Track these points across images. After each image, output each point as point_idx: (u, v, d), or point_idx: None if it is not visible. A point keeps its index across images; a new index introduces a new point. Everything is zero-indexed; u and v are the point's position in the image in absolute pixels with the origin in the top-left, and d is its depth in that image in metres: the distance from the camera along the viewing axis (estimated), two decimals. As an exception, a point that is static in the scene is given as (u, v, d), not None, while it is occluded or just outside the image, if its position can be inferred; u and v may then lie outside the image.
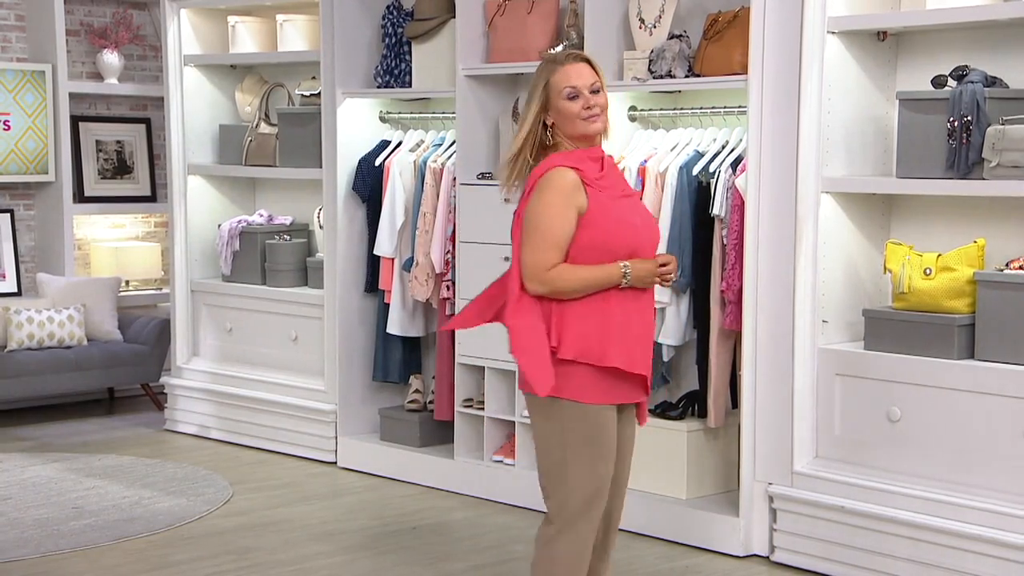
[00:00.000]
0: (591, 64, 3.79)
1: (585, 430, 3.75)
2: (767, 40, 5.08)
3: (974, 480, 4.68)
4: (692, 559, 5.24)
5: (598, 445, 3.77)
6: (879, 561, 4.86)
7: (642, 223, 3.82)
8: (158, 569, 5.13)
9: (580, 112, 3.74)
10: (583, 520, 3.79)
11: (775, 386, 5.13)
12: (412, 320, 6.55)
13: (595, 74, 3.78)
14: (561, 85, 3.74)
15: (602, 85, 3.79)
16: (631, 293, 3.75)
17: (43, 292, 7.96)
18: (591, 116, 3.74)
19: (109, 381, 7.97)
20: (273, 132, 7.23)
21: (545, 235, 3.66)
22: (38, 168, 8.15)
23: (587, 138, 3.78)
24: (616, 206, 3.76)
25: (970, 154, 4.67)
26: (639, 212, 3.87)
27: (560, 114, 3.75)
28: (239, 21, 7.45)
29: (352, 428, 6.78)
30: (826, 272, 5.07)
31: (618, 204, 3.77)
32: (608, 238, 3.70)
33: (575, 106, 3.74)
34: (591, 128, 3.76)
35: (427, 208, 6.30)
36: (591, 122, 3.75)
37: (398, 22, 6.58)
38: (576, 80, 3.74)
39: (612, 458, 3.82)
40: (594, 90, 3.76)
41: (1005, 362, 4.64)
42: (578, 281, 3.68)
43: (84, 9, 8.49)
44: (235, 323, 7.42)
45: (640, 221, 3.82)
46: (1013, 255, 4.84)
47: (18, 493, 6.16)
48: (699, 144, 5.55)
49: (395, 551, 5.36)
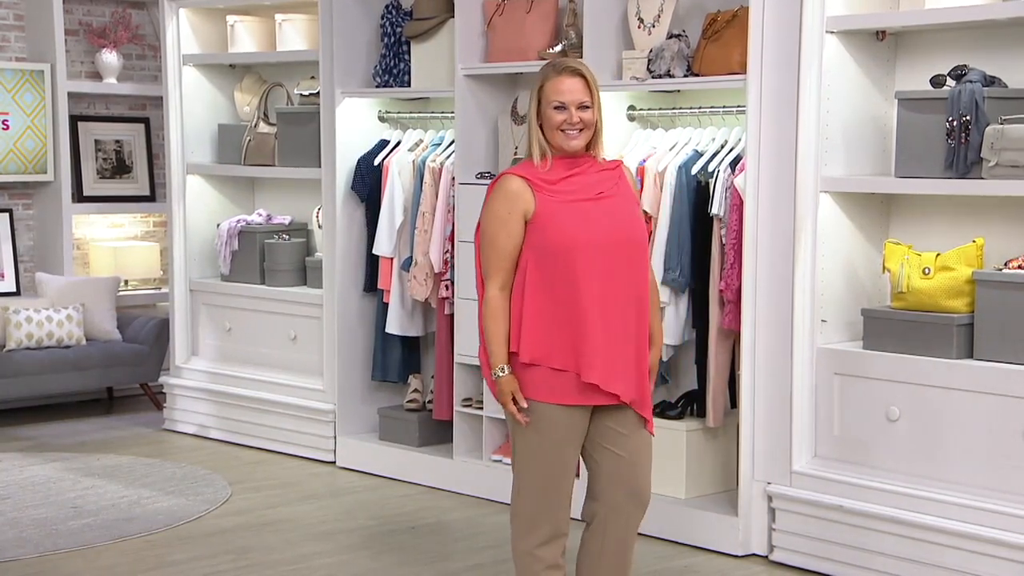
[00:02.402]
0: (586, 80, 3.83)
1: (536, 428, 3.85)
2: (766, 40, 5.08)
3: (973, 480, 4.68)
4: (691, 558, 5.24)
5: (551, 447, 3.84)
6: (878, 560, 4.86)
7: (610, 222, 3.82)
8: (156, 569, 5.13)
9: (561, 125, 3.82)
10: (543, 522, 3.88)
11: (774, 386, 5.13)
12: (411, 320, 6.55)
13: (587, 91, 3.83)
14: (551, 95, 3.83)
15: (593, 103, 3.83)
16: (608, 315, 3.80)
17: (42, 292, 7.96)
18: (570, 132, 3.82)
19: (108, 381, 7.97)
20: (272, 132, 7.23)
21: (493, 250, 3.87)
22: (37, 168, 8.15)
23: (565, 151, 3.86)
24: (569, 209, 3.79)
25: (969, 154, 4.67)
26: (613, 212, 3.84)
27: (546, 121, 3.86)
28: (238, 21, 7.45)
29: (351, 428, 6.78)
30: (825, 272, 5.07)
31: (574, 207, 3.80)
32: (544, 241, 3.80)
33: (559, 118, 3.82)
34: (568, 144, 3.84)
35: (426, 208, 6.30)
36: (569, 138, 3.84)
37: (397, 22, 6.58)
38: (566, 95, 3.81)
39: (568, 467, 3.85)
40: (583, 107, 3.81)
41: (1004, 362, 4.64)
42: (486, 332, 3.86)
43: (83, 9, 8.48)
44: (234, 323, 7.41)
45: (608, 221, 3.82)
46: (1012, 254, 4.84)
47: (17, 493, 6.16)
48: (698, 144, 5.55)
49: (394, 551, 5.36)
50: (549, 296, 3.80)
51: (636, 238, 3.88)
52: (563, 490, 3.88)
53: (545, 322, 3.81)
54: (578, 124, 3.81)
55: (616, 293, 3.82)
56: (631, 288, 3.85)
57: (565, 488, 3.89)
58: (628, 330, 3.85)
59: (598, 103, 3.85)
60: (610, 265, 3.81)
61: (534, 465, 3.88)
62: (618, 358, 3.83)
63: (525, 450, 3.90)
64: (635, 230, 3.88)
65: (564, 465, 3.87)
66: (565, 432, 3.85)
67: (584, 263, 3.78)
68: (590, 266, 3.78)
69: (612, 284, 3.81)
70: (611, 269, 3.81)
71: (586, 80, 3.83)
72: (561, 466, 3.87)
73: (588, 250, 3.78)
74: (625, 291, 3.83)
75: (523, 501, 3.92)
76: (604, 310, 3.80)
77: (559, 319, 3.80)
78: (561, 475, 3.87)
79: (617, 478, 3.93)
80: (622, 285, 3.83)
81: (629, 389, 3.86)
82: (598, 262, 3.79)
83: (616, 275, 3.82)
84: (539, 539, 3.89)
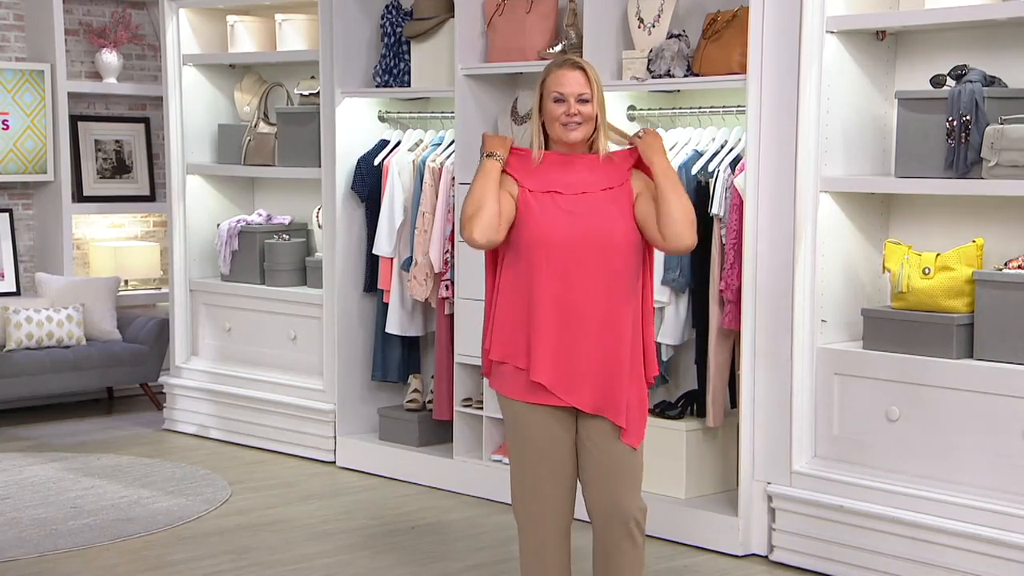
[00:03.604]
0: (587, 73, 3.83)
1: (510, 425, 3.89)
2: (766, 40, 5.08)
3: (973, 479, 4.68)
4: (691, 558, 5.24)
5: (525, 444, 3.85)
6: (878, 560, 4.86)
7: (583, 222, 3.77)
8: (156, 569, 5.13)
9: (560, 117, 3.82)
10: (527, 524, 3.90)
11: (774, 386, 5.13)
12: (411, 319, 6.55)
13: (587, 84, 3.82)
14: (551, 88, 3.84)
15: (593, 96, 3.82)
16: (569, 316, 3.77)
17: (42, 292, 7.96)
18: (569, 123, 3.82)
19: (108, 381, 7.97)
20: (272, 132, 7.23)
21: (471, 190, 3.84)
22: (37, 168, 8.15)
23: (565, 143, 3.86)
24: (540, 202, 3.78)
25: (969, 153, 4.67)
26: (592, 211, 3.79)
27: (546, 115, 3.86)
28: (238, 20, 7.44)
29: (351, 428, 6.78)
30: (825, 271, 5.07)
31: (546, 200, 3.78)
32: (514, 236, 3.81)
33: (558, 109, 3.83)
34: (568, 135, 3.84)
35: (426, 208, 6.30)
36: (568, 129, 3.84)
37: (397, 21, 6.58)
38: (566, 87, 3.82)
39: (548, 464, 3.84)
40: (582, 99, 3.81)
41: (1004, 362, 4.64)
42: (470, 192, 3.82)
43: (83, 8, 8.48)
44: (234, 323, 7.42)
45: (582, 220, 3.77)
46: (1012, 254, 4.84)
47: (16, 492, 6.16)
48: (698, 144, 5.55)
49: (394, 551, 5.36)
50: (515, 294, 3.82)
51: (614, 240, 3.79)
52: (548, 489, 3.85)
53: (510, 320, 3.83)
54: (576, 116, 3.81)
55: (580, 294, 3.76)
56: (601, 290, 3.77)
57: (550, 487, 3.86)
58: (591, 334, 3.77)
59: (599, 99, 3.84)
60: (574, 265, 3.75)
61: (516, 464, 3.91)
62: (578, 362, 3.77)
63: (511, 450, 3.93)
64: (614, 232, 3.79)
65: (547, 464, 3.84)
66: (539, 430, 3.83)
67: (544, 261, 3.76)
68: (551, 264, 3.76)
69: (577, 285, 3.75)
70: (576, 269, 3.75)
71: (587, 74, 3.83)
72: (545, 465, 3.84)
73: (551, 248, 3.76)
74: (592, 292, 3.76)
75: (514, 501, 3.95)
76: (564, 311, 3.76)
77: (521, 317, 3.81)
78: (546, 474, 3.85)
79: (590, 489, 3.89)
80: (590, 286, 3.76)
81: (588, 396, 3.79)
82: (561, 261, 3.75)
83: (582, 276, 3.76)
84: (534, 537, 3.89)
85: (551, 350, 3.77)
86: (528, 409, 3.83)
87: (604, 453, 3.84)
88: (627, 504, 3.85)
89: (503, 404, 3.91)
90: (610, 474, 3.84)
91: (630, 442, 3.83)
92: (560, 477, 3.87)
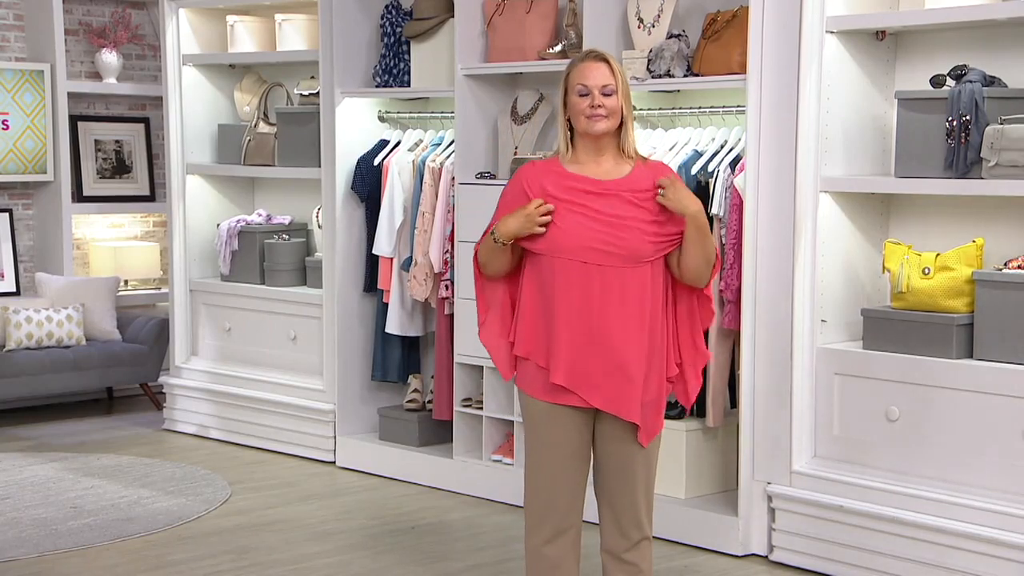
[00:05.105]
0: (611, 66, 3.81)
1: (529, 423, 3.87)
2: (766, 40, 5.08)
3: (973, 480, 4.68)
4: (691, 558, 5.24)
5: (542, 443, 3.84)
6: (878, 561, 4.86)
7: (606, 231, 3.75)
8: (156, 569, 5.13)
9: (585, 110, 3.78)
10: (536, 524, 3.86)
11: (774, 386, 5.13)
12: (411, 319, 6.55)
13: (612, 76, 3.79)
14: (575, 81, 3.81)
15: (617, 88, 3.78)
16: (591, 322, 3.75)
17: (42, 292, 7.96)
18: (594, 115, 3.78)
19: (108, 381, 7.96)
20: (272, 132, 7.23)
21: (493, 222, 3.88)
22: (37, 168, 8.15)
23: (591, 136, 3.81)
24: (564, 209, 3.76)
25: (969, 153, 4.67)
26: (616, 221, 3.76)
27: (571, 109, 3.82)
28: (238, 20, 7.44)
29: (351, 428, 6.78)
30: (825, 271, 5.07)
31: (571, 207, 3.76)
32: (530, 243, 3.81)
33: (583, 103, 3.79)
34: (593, 127, 3.78)
35: (426, 208, 6.30)
36: (593, 121, 3.78)
37: (397, 21, 6.58)
38: (590, 79, 3.78)
39: (562, 464, 3.82)
40: (606, 91, 3.78)
41: (1004, 362, 4.64)
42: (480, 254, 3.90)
43: (83, 8, 8.48)
44: (234, 323, 7.42)
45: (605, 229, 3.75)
46: (1012, 254, 4.84)
47: (16, 492, 6.16)
48: (698, 144, 5.55)
49: (394, 551, 5.36)
50: (539, 293, 3.82)
51: (635, 244, 3.76)
52: (562, 487, 3.85)
53: (534, 318, 3.83)
54: (601, 109, 3.76)
55: (601, 298, 3.74)
56: (623, 298, 3.75)
57: (565, 485, 3.85)
58: (613, 340, 3.75)
59: (625, 92, 3.80)
60: (595, 274, 3.74)
61: (532, 461, 3.88)
62: (599, 365, 3.76)
63: (527, 447, 3.90)
64: (637, 243, 3.76)
65: (562, 462, 3.84)
66: (557, 429, 3.82)
67: (566, 263, 3.75)
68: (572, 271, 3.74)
69: (598, 293, 3.74)
70: (597, 278, 3.74)
71: (611, 66, 3.80)
72: (559, 463, 3.84)
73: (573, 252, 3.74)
74: (613, 295, 3.74)
75: (527, 497, 3.91)
76: (584, 314, 3.74)
77: (542, 316, 3.81)
78: (560, 472, 3.84)
79: (600, 491, 3.91)
80: (611, 289, 3.74)
81: (601, 394, 3.78)
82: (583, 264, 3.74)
83: (602, 284, 3.74)
84: (543, 536, 3.87)
85: (570, 351, 3.76)
86: (548, 409, 3.82)
87: (616, 451, 3.85)
88: (634, 506, 3.88)
89: (524, 401, 3.89)
90: (618, 473, 3.86)
91: (641, 440, 3.83)
92: (577, 475, 3.88)
